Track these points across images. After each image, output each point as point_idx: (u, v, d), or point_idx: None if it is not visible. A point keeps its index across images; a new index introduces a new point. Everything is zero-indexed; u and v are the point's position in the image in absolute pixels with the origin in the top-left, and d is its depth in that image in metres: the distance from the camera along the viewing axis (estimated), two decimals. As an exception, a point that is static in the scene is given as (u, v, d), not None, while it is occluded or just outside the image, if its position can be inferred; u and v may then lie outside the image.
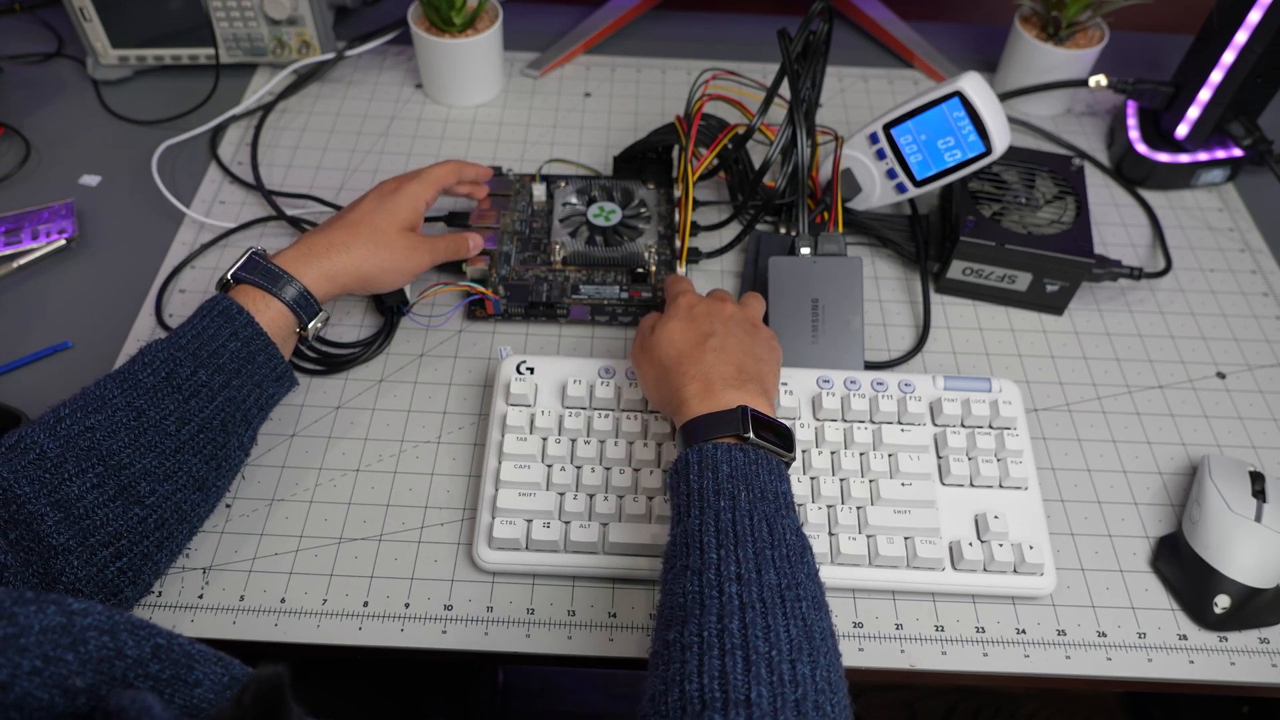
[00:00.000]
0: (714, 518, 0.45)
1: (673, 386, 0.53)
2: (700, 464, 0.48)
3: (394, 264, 0.60)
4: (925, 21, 0.95)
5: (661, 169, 0.77)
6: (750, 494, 0.46)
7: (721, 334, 0.54)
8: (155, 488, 0.49)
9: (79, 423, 0.48)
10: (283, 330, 0.55)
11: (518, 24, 0.90)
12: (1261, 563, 0.54)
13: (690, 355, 0.53)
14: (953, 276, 0.70)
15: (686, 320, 0.55)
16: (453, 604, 0.55)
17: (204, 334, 0.52)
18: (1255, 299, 0.73)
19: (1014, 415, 0.60)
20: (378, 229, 0.60)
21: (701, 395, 0.51)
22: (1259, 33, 0.70)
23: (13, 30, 0.91)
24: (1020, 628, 0.55)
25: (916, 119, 0.67)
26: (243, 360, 0.53)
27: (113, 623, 0.35)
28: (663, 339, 0.55)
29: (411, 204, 0.62)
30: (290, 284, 0.55)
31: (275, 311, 0.55)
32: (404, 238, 0.61)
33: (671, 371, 0.53)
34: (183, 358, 0.51)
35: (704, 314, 0.56)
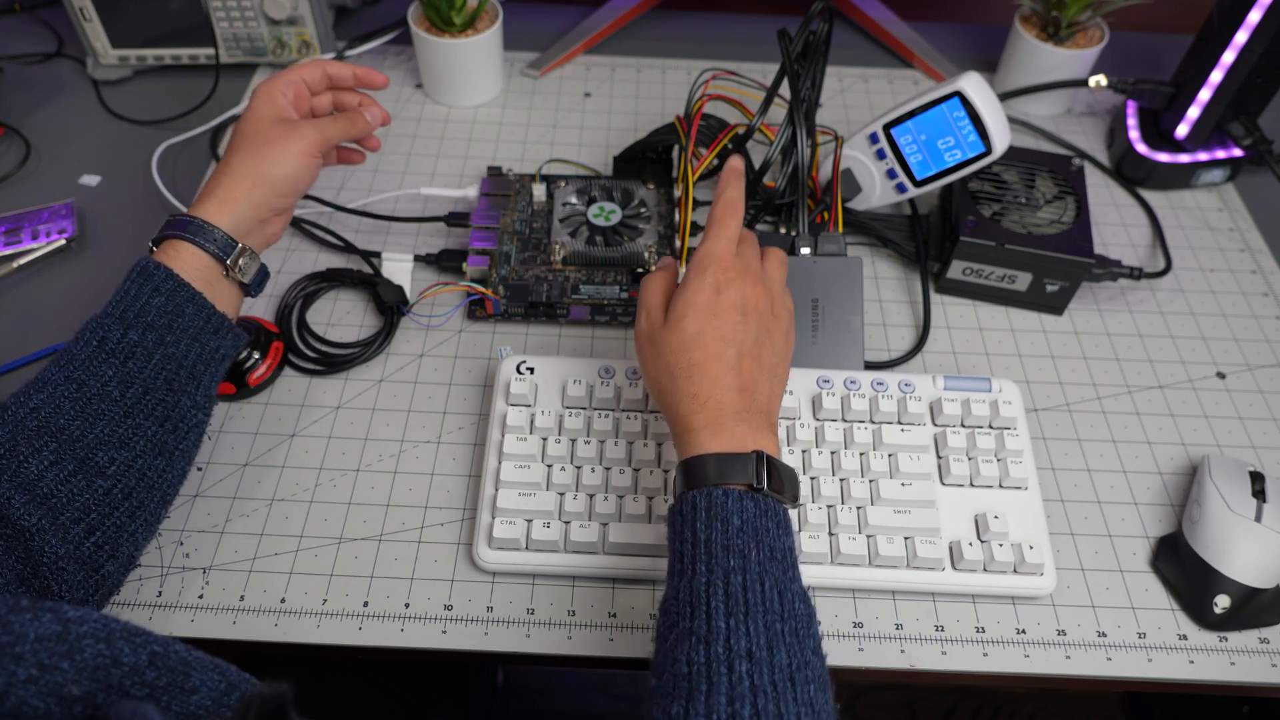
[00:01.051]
0: (723, 579, 0.42)
1: (678, 401, 0.48)
2: (709, 512, 0.44)
3: (279, 155, 0.56)
4: (925, 21, 0.95)
5: (661, 169, 0.77)
6: (760, 553, 0.43)
7: (744, 342, 0.49)
8: (113, 456, 0.48)
9: (23, 404, 0.48)
10: (206, 275, 0.53)
11: (518, 24, 0.90)
12: (1261, 563, 0.54)
13: (706, 368, 0.48)
14: (953, 276, 0.70)
15: (711, 314, 0.49)
16: (453, 604, 0.55)
17: (127, 296, 0.51)
18: (1255, 299, 0.73)
19: (1014, 415, 0.60)
20: (246, 134, 0.57)
21: (711, 427, 0.47)
22: (1259, 33, 0.70)
23: (13, 30, 0.91)
24: (1020, 628, 0.55)
25: (916, 119, 0.67)
26: (170, 315, 0.51)
27: (109, 630, 0.35)
28: (678, 337, 0.49)
29: (266, 98, 0.58)
30: (195, 223, 0.53)
31: (191, 258, 0.53)
32: (278, 127, 0.57)
33: (680, 380, 0.48)
34: (110, 323, 0.51)
35: (732, 306, 0.49)
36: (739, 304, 0.49)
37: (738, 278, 0.50)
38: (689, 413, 0.48)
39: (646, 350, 0.51)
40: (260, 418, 0.62)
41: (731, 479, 0.45)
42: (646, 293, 0.52)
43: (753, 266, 0.51)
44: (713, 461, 0.46)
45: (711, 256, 0.50)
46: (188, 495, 0.58)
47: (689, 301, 0.49)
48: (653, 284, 0.53)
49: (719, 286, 0.49)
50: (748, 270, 0.51)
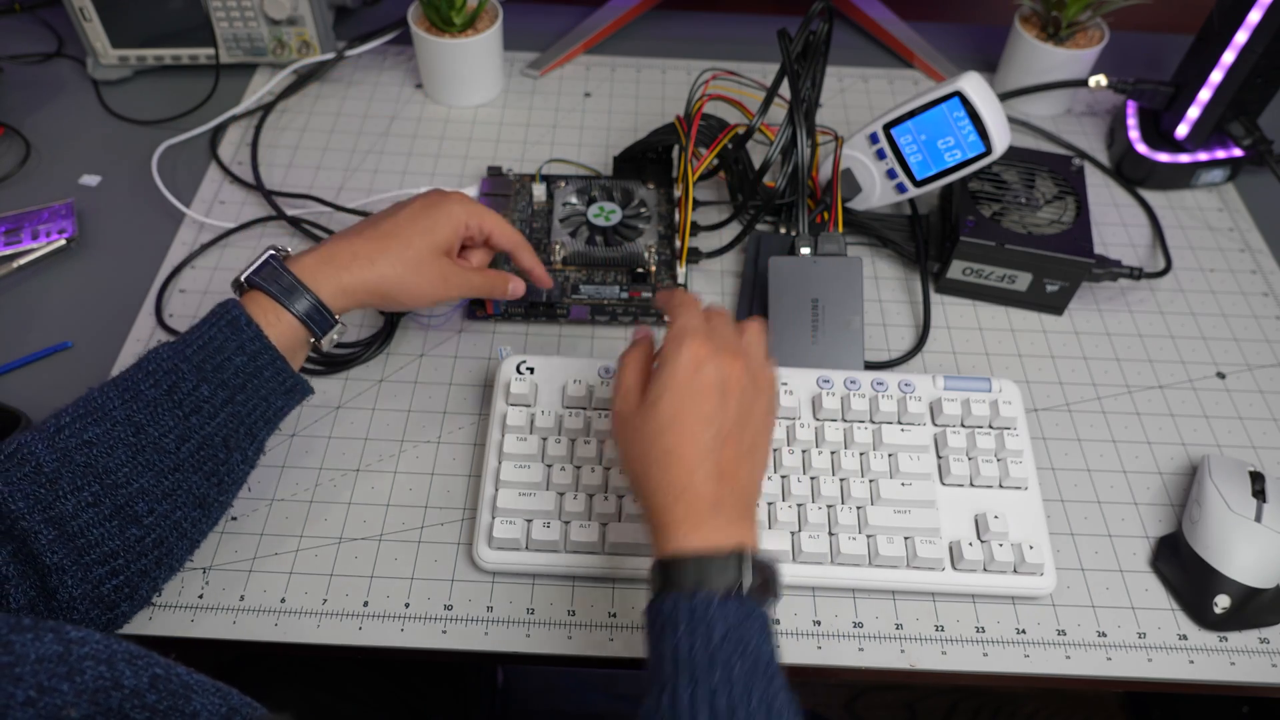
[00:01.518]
0: (708, 699, 0.39)
1: (654, 490, 0.45)
2: (691, 623, 0.41)
3: (420, 289, 0.56)
4: (925, 21, 0.95)
5: (661, 169, 0.77)
6: (744, 664, 0.40)
7: (725, 423, 0.46)
8: (153, 507, 0.47)
9: (77, 435, 0.46)
10: (293, 343, 0.52)
11: (518, 24, 0.90)
12: (1261, 563, 0.54)
13: (683, 454, 0.45)
14: (953, 276, 0.70)
15: (689, 395, 0.45)
16: (453, 604, 0.55)
17: (210, 345, 0.50)
18: (1255, 299, 0.73)
19: (1014, 415, 0.60)
20: (410, 246, 0.55)
21: (689, 521, 0.44)
22: (1259, 33, 0.70)
23: (13, 30, 0.91)
24: (1020, 628, 0.55)
25: (916, 119, 0.67)
26: (248, 375, 0.50)
27: (110, 652, 0.34)
28: (654, 420, 0.45)
29: (452, 224, 0.57)
30: (304, 296, 0.52)
31: (286, 325, 0.51)
32: (437, 263, 0.56)
33: (656, 467, 0.45)
34: (186, 370, 0.49)
35: (710, 386, 0.46)
36: (718, 382, 0.46)
37: (716, 353, 0.47)
38: (665, 505, 0.44)
39: (622, 433, 0.48)
40: (260, 418, 0.62)
41: (712, 582, 0.42)
42: (623, 372, 0.49)
43: (730, 340, 0.48)
44: (692, 564, 0.42)
45: (686, 331, 0.47)
46: (188, 495, 0.58)
47: (666, 381, 0.46)
48: (629, 363, 0.49)
49: (697, 363, 0.46)
50: (726, 344, 0.47)
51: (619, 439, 0.48)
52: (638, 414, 0.46)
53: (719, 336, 0.48)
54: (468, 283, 0.59)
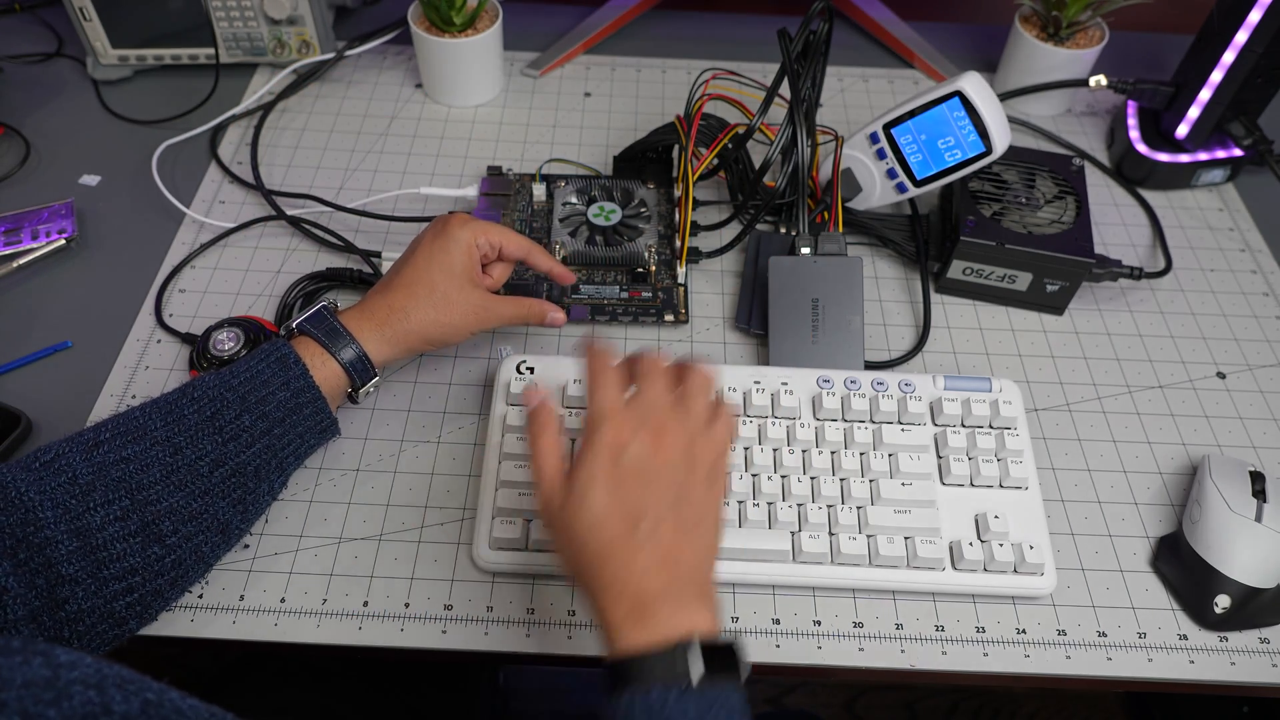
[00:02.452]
0: None
1: (595, 593, 0.43)
2: None
3: (456, 326, 0.57)
4: (925, 21, 0.95)
5: (661, 169, 0.77)
6: None
7: (658, 508, 0.43)
8: (178, 528, 0.48)
9: (116, 451, 0.48)
10: (335, 388, 0.55)
11: (518, 24, 0.90)
12: (1262, 563, 0.54)
13: (617, 552, 0.43)
14: (953, 276, 0.70)
15: (613, 486, 0.43)
16: (453, 604, 0.55)
17: (256, 378, 0.52)
18: (1255, 299, 0.73)
19: (1014, 415, 0.60)
20: (435, 288, 0.56)
21: (633, 617, 0.42)
22: (1259, 33, 0.70)
23: (13, 30, 0.91)
24: (1020, 628, 0.55)
25: (917, 119, 0.67)
26: (289, 410, 0.52)
27: (101, 677, 0.33)
28: (582, 519, 0.43)
29: (462, 250, 0.57)
30: (350, 345, 0.55)
31: (330, 370, 0.54)
32: (467, 296, 0.57)
33: (592, 569, 0.43)
34: (230, 399, 0.51)
35: (634, 472, 0.44)
36: (641, 466, 0.44)
37: (636, 432, 0.44)
38: (607, 606, 0.42)
39: (553, 530, 0.45)
40: (260, 417, 0.62)
41: (664, 679, 0.40)
42: (539, 460, 0.46)
43: (656, 409, 0.46)
44: (640, 664, 0.40)
45: (602, 415, 0.45)
46: (187, 495, 0.58)
47: (588, 474, 0.43)
48: (543, 449, 0.46)
49: (618, 449, 0.44)
50: (649, 418, 0.45)
51: (551, 534, 0.45)
52: (564, 511, 0.44)
53: (642, 409, 0.46)
54: (502, 314, 0.60)
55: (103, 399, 0.63)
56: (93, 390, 0.63)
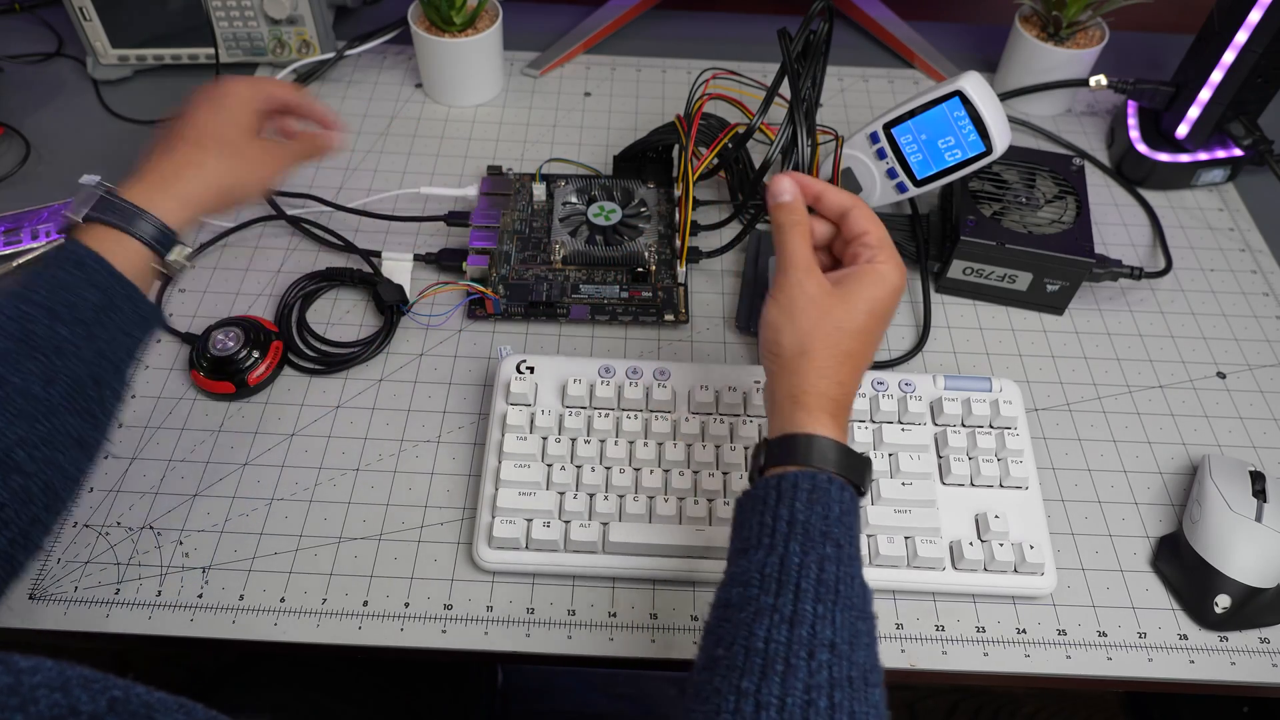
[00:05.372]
0: (817, 564, 0.40)
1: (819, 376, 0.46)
2: (811, 494, 0.42)
3: (251, 173, 0.57)
4: (925, 21, 0.95)
5: (661, 168, 0.76)
6: (852, 548, 0.42)
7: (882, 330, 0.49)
8: (33, 454, 0.46)
9: None
10: (141, 269, 0.51)
11: (518, 24, 0.90)
12: (1262, 562, 0.54)
13: (860, 358, 0.47)
14: (953, 276, 0.70)
15: (884, 316, 0.48)
16: (452, 603, 0.55)
17: (58, 285, 0.48)
18: (1255, 299, 0.73)
19: (1014, 415, 0.60)
20: (226, 140, 0.56)
21: (834, 411, 0.45)
22: (1259, 32, 0.70)
23: (13, 30, 0.91)
24: (1020, 627, 0.55)
25: (917, 118, 0.67)
26: (103, 309, 0.49)
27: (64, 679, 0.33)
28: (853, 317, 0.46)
29: (246, 107, 0.58)
30: (144, 219, 0.51)
31: (131, 251, 0.51)
32: (255, 144, 0.58)
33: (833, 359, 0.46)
34: (38, 315, 0.47)
35: (891, 313, 0.48)
36: (896, 299, 0.48)
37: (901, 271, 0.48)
38: (823, 390, 0.45)
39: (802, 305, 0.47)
40: (260, 417, 0.62)
41: (841, 470, 0.44)
42: (794, 249, 0.49)
43: None
44: (834, 448, 0.44)
45: (893, 251, 0.49)
46: (187, 495, 0.58)
47: (876, 293, 0.47)
48: (796, 239, 0.49)
49: (899, 291, 0.48)
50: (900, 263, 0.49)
51: (789, 305, 0.47)
52: (831, 297, 0.47)
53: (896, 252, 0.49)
54: (288, 150, 0.60)
55: (102, 399, 0.63)
56: None
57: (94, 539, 0.56)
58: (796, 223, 0.50)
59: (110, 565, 0.55)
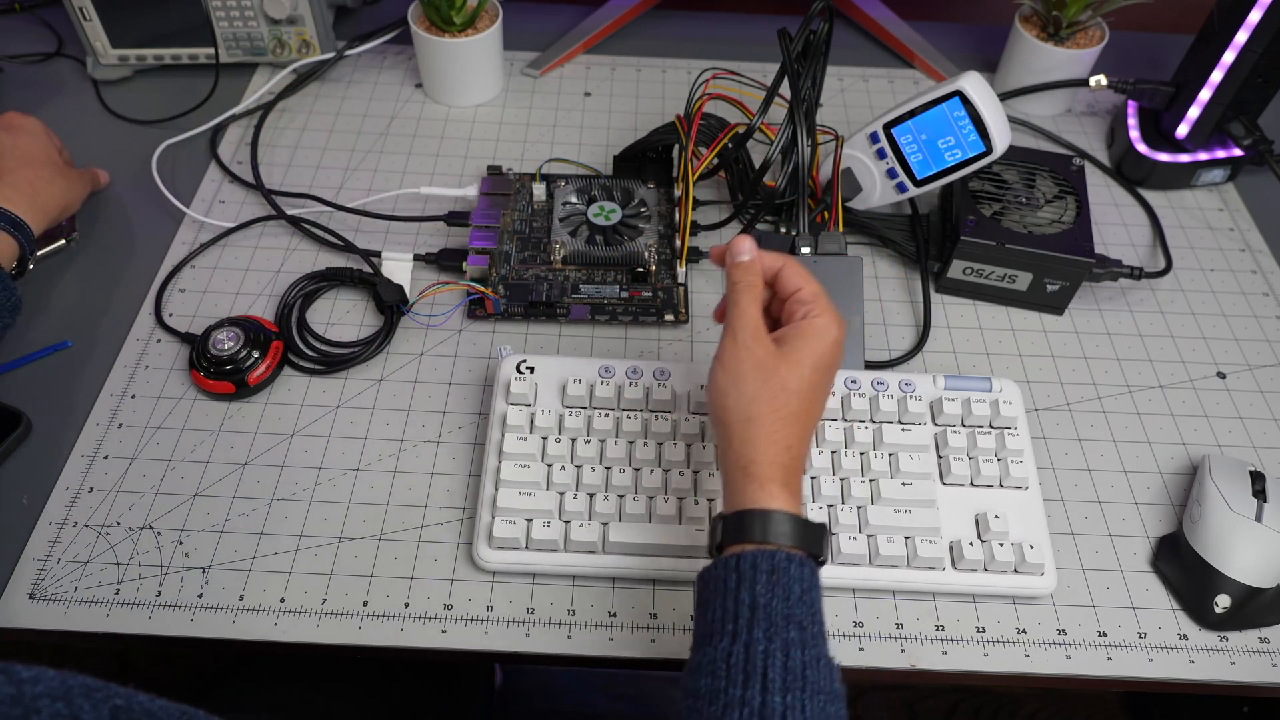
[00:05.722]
0: (783, 650, 0.40)
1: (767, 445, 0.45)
2: (772, 575, 0.42)
3: (74, 194, 0.69)
4: (925, 21, 0.95)
5: (661, 168, 0.76)
6: (815, 626, 0.42)
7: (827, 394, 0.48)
8: None
9: None
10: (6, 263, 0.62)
11: (518, 24, 0.90)
12: (1262, 562, 0.54)
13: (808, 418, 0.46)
14: (953, 276, 0.70)
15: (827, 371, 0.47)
16: (452, 603, 0.55)
17: None
18: (1255, 299, 0.73)
19: (1014, 415, 0.60)
20: (56, 165, 0.69)
21: (785, 476, 0.45)
22: (1259, 32, 0.70)
23: (13, 30, 0.91)
24: (1021, 627, 0.55)
25: (917, 118, 0.67)
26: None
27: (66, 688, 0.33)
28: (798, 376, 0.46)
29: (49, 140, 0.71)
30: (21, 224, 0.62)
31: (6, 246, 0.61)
32: (74, 170, 0.71)
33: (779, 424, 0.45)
34: None
35: (836, 365, 0.48)
36: (838, 357, 0.48)
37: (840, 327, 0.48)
38: (773, 458, 0.45)
39: (747, 370, 0.46)
40: (260, 417, 0.62)
41: (796, 545, 0.43)
42: (744, 310, 0.48)
43: None
44: (788, 521, 0.43)
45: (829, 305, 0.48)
46: (187, 495, 0.58)
47: (818, 350, 0.47)
48: (748, 300, 0.48)
49: (839, 342, 0.47)
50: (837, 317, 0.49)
51: (735, 370, 0.46)
52: (776, 359, 0.46)
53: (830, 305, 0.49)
54: (86, 178, 0.72)
55: (102, 399, 0.63)
56: (93, 390, 0.63)
57: (94, 539, 0.56)
58: (751, 284, 0.49)
59: (110, 565, 0.55)
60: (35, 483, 0.58)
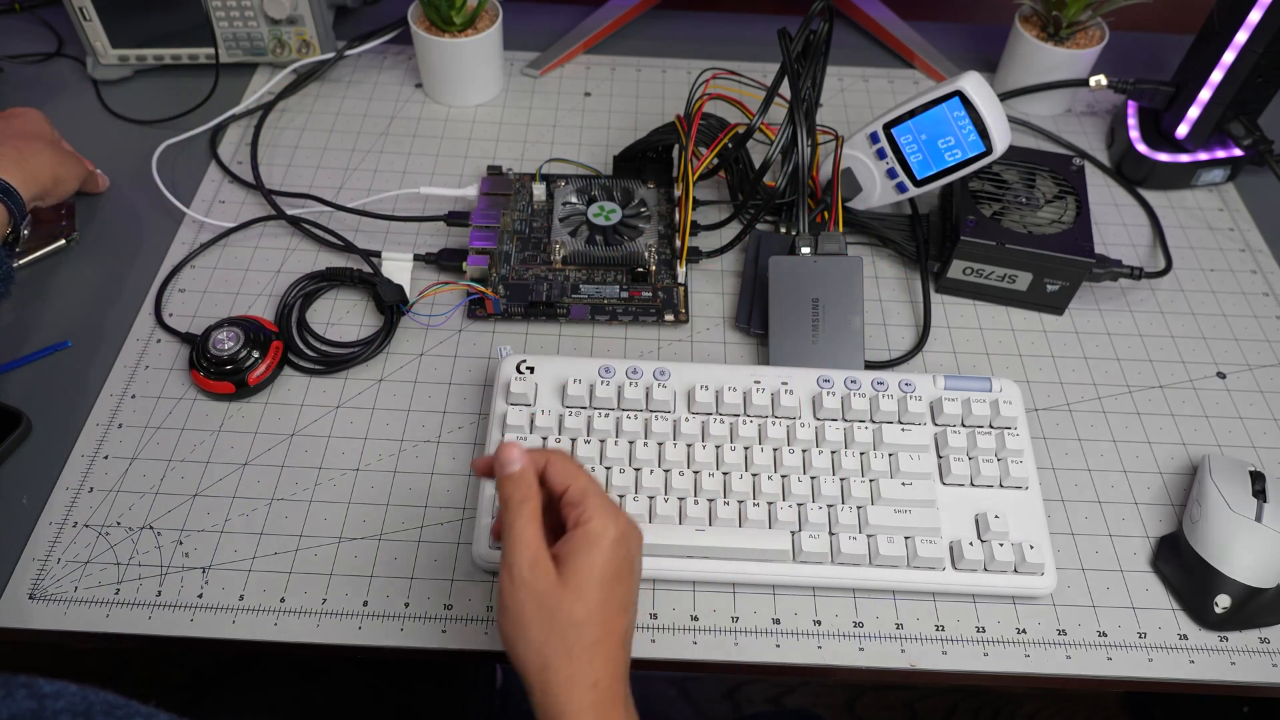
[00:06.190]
0: None
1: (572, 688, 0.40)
2: None
3: (67, 168, 0.68)
4: (925, 21, 0.95)
5: (661, 168, 0.77)
6: None
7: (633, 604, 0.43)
8: None
9: None
10: None
11: (518, 24, 0.90)
12: (1262, 562, 0.54)
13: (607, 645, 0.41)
14: (953, 276, 0.70)
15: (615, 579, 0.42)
16: (452, 603, 0.55)
17: None
18: (1255, 299, 0.73)
19: (1014, 415, 0.60)
20: (47, 139, 0.68)
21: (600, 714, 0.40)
22: (1259, 32, 0.70)
23: (13, 30, 0.91)
24: (1020, 627, 0.55)
25: (917, 118, 0.67)
26: None
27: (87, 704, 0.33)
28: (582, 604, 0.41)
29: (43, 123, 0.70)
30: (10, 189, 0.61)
31: None
32: (67, 146, 0.71)
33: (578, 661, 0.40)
34: None
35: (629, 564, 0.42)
36: (632, 557, 0.43)
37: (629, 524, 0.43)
38: (579, 708, 0.40)
39: (529, 613, 0.41)
40: (260, 417, 0.62)
41: None
42: (519, 535, 0.42)
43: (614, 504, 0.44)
44: None
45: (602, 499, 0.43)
46: (187, 495, 0.58)
47: (594, 562, 0.41)
48: (524, 521, 0.42)
49: (621, 540, 0.42)
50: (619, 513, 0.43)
51: (517, 617, 0.41)
52: (559, 590, 0.41)
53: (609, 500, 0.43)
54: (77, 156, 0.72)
55: (102, 399, 0.63)
56: (93, 390, 0.63)
57: (94, 539, 0.56)
58: (524, 500, 0.43)
59: (110, 565, 0.55)
60: (35, 483, 0.58)
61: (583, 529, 0.42)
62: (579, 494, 0.43)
